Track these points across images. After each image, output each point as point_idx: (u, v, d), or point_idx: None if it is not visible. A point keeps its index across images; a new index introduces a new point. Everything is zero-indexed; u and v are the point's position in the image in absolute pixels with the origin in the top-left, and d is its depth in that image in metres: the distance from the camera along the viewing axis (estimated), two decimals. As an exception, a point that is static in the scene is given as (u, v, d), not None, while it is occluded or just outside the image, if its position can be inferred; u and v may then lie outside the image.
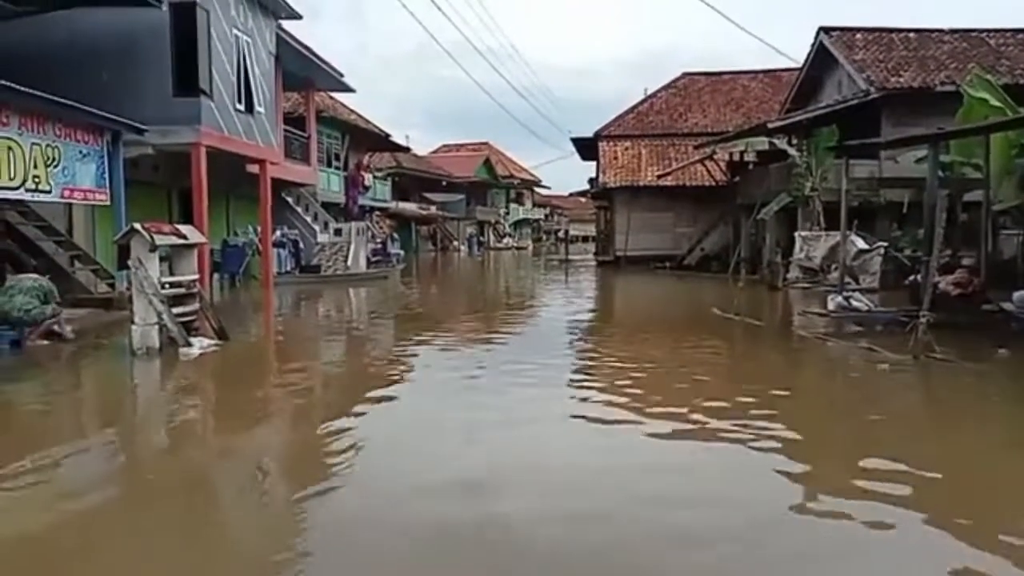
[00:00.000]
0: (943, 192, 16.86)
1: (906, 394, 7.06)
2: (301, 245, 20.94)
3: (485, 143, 61.00)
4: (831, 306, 11.10)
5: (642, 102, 33.95)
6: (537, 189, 71.55)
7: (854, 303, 10.84)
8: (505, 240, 58.99)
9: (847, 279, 15.14)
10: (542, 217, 78.59)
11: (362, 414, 5.88)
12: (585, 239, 61.22)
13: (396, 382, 7.41)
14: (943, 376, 7.45)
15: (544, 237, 76.54)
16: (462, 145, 60.51)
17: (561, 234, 61.06)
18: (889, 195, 18.35)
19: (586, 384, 7.09)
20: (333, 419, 5.76)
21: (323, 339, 11.26)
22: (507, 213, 63.20)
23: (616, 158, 30.86)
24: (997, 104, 14.47)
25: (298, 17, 18.16)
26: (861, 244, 16.04)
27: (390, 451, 4.93)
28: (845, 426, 5.65)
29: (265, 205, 17.34)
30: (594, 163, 33.48)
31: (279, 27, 18.09)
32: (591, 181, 35.73)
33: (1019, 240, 14.35)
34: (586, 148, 33.76)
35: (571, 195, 52.39)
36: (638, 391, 6.56)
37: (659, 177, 28.15)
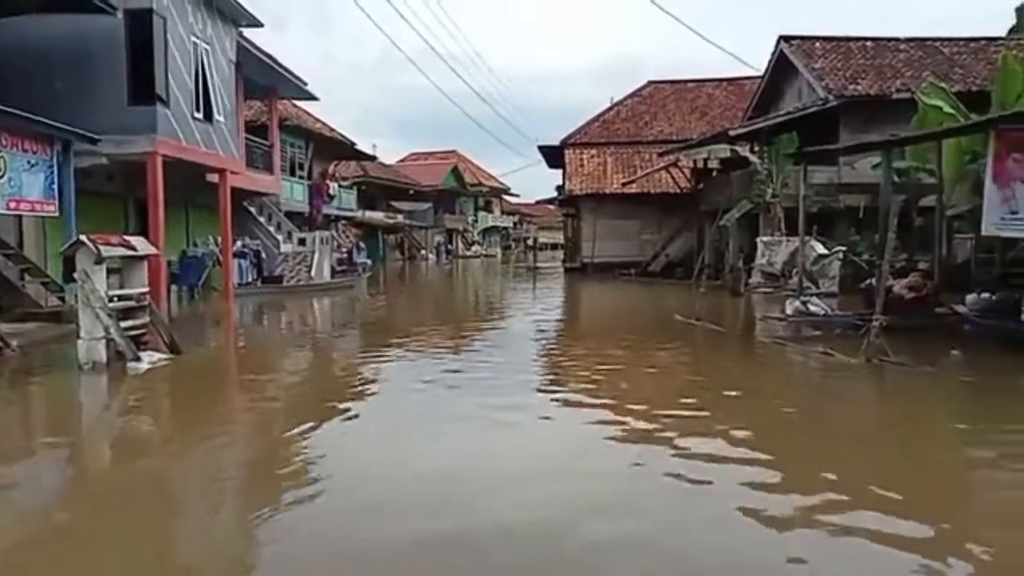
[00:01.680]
0: (899, 197, 17.17)
1: (849, 398, 7.13)
2: (263, 255, 20.65)
3: (453, 151, 60.92)
4: (789, 311, 11.21)
5: (608, 110, 34.19)
6: (506, 197, 71.60)
7: (811, 307, 10.96)
8: (474, 248, 58.91)
9: (808, 284, 15.33)
10: (511, 225, 78.64)
11: (313, 429, 5.75)
12: (554, 247, 61.41)
13: (353, 395, 7.29)
14: (893, 379, 7.54)
15: (513, 245, 76.58)
16: (430, 153, 60.37)
17: (530, 242, 61.08)
18: (847, 200, 18.65)
19: (547, 389, 7.07)
20: (284, 433, 5.64)
21: (280, 351, 11.06)
22: (475, 221, 63.13)
23: (582, 166, 31.01)
24: (950, 111, 14.76)
25: (259, 25, 17.96)
26: (820, 249, 16.26)
27: (344, 463, 4.83)
28: (780, 428, 5.75)
29: (225, 215, 17.06)
30: (561, 171, 33.60)
31: (240, 35, 17.86)
32: (558, 189, 35.86)
33: (972, 244, 14.63)
34: (553, 156, 33.88)
35: (538, 203, 52.56)
36: (597, 395, 6.56)
37: (624, 185, 28.33)
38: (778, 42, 23.37)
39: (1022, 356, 8.52)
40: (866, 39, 22.86)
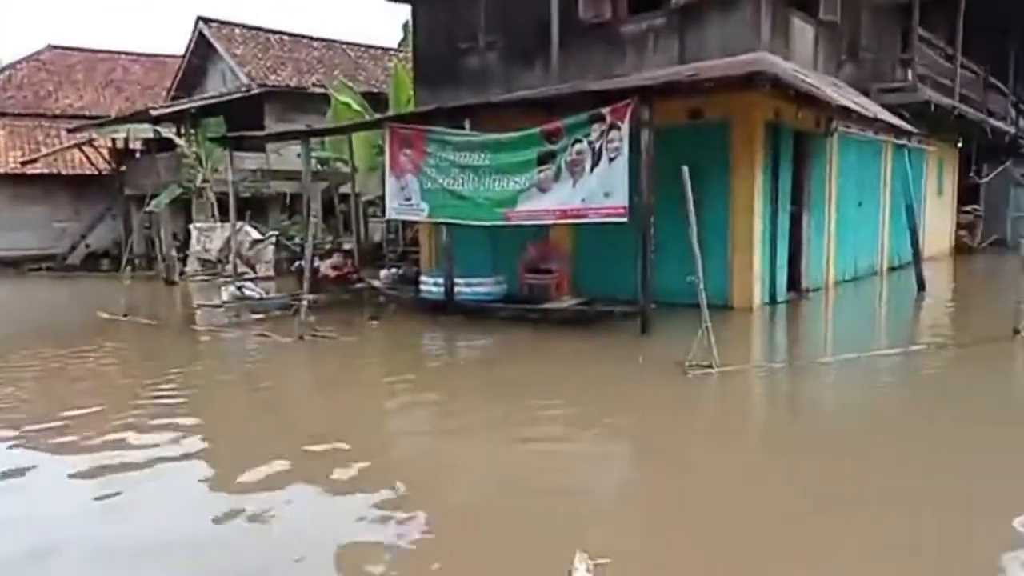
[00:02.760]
0: (323, 184, 18.75)
1: (274, 373, 7.57)
2: None
3: None
4: (225, 297, 11.09)
5: (-5, 73, 28.34)
6: None
7: (247, 292, 11.06)
8: None
9: (245, 269, 15.47)
10: None
11: None
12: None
13: None
14: (319, 350, 8.19)
15: None
16: None
17: None
18: (277, 187, 19.41)
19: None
20: None
21: None
22: None
23: (-38, 139, 25.06)
24: (357, 108, 16.62)
25: None
26: (255, 234, 16.56)
27: None
28: (199, 411, 5.90)
29: None
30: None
31: None
32: (-73, 167, 28.26)
33: (384, 227, 16.82)
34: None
35: None
36: None
37: (24, 164, 23.98)
38: (197, 22, 22.74)
39: (422, 320, 10.09)
40: (283, 33, 23.92)
